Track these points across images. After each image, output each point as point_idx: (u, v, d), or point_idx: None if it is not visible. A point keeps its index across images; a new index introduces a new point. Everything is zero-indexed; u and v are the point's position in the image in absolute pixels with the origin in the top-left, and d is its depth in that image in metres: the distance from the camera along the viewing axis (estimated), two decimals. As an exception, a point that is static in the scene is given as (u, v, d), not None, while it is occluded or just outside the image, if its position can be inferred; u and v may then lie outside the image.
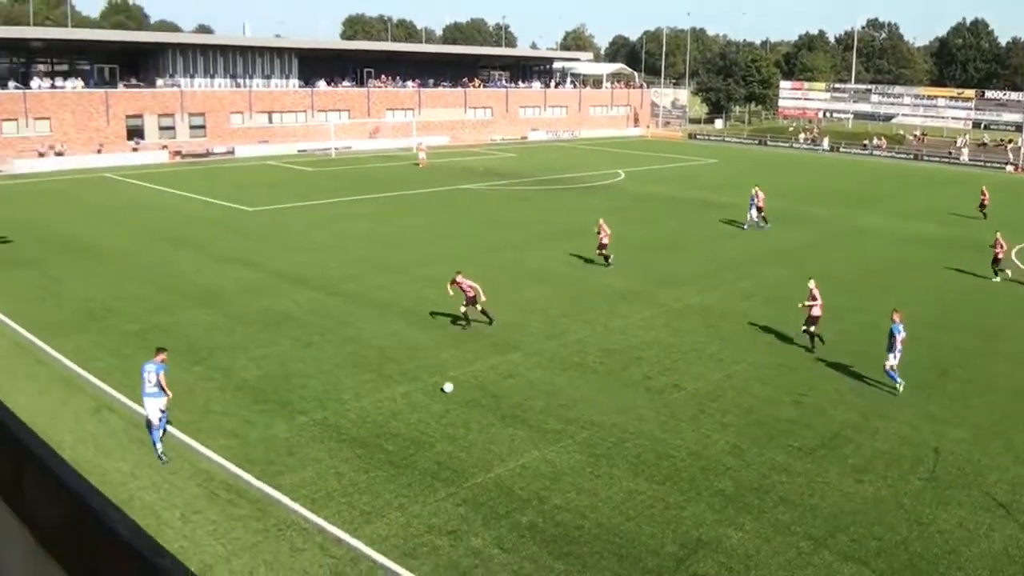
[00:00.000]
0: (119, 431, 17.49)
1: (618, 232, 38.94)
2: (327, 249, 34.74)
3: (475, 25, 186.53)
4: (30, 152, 61.92)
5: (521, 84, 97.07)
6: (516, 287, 29.11)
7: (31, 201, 46.65)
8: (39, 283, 29.03)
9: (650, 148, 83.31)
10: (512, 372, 21.06)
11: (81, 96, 65.40)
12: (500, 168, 64.17)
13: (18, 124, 62.31)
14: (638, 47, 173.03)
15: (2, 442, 1.79)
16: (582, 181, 56.88)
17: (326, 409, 18.64)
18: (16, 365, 21.13)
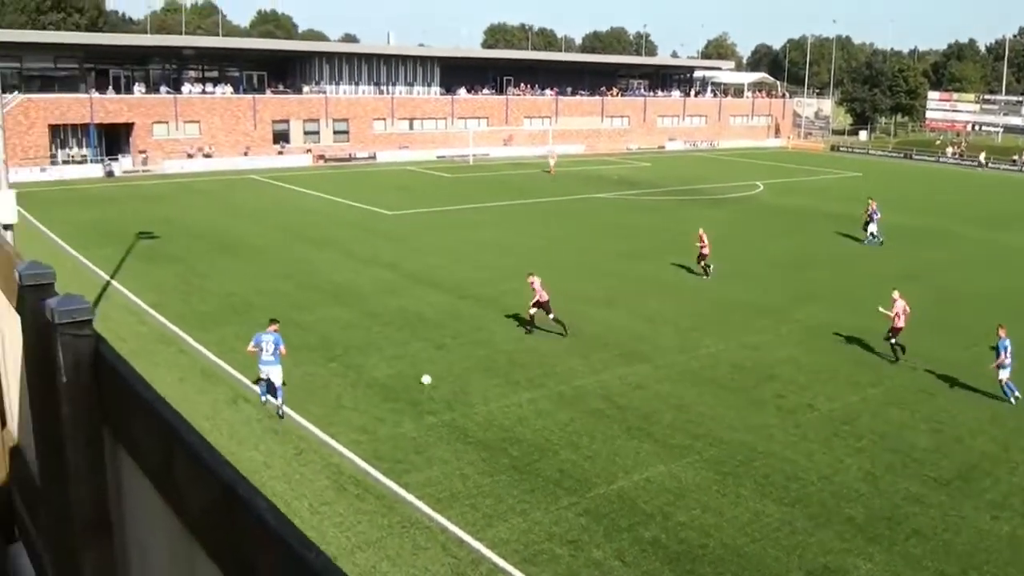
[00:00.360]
0: (254, 420, 18.15)
1: (754, 246, 38.12)
2: (461, 253, 35.23)
3: (615, 34, 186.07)
4: (179, 154, 65.11)
5: (660, 93, 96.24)
6: (646, 298, 28.83)
7: (179, 200, 49.02)
8: (184, 277, 30.45)
9: (791, 160, 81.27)
10: (640, 383, 20.85)
11: (230, 101, 68.37)
12: (634, 178, 63.77)
13: (169, 127, 65.62)
14: (781, 56, 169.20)
15: (153, 427, 1.86)
16: (718, 192, 55.92)
17: (454, 411, 18.87)
18: (159, 354, 22.19)
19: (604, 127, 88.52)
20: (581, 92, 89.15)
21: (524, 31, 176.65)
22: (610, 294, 29.14)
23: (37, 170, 57.86)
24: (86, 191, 52.87)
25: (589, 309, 27.18)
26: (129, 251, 34.12)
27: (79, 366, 2.54)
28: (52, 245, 35.60)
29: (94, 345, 2.54)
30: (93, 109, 61.70)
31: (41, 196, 48.74)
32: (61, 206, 46.31)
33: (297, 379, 20.41)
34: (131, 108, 63.66)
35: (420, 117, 77.60)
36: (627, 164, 74.81)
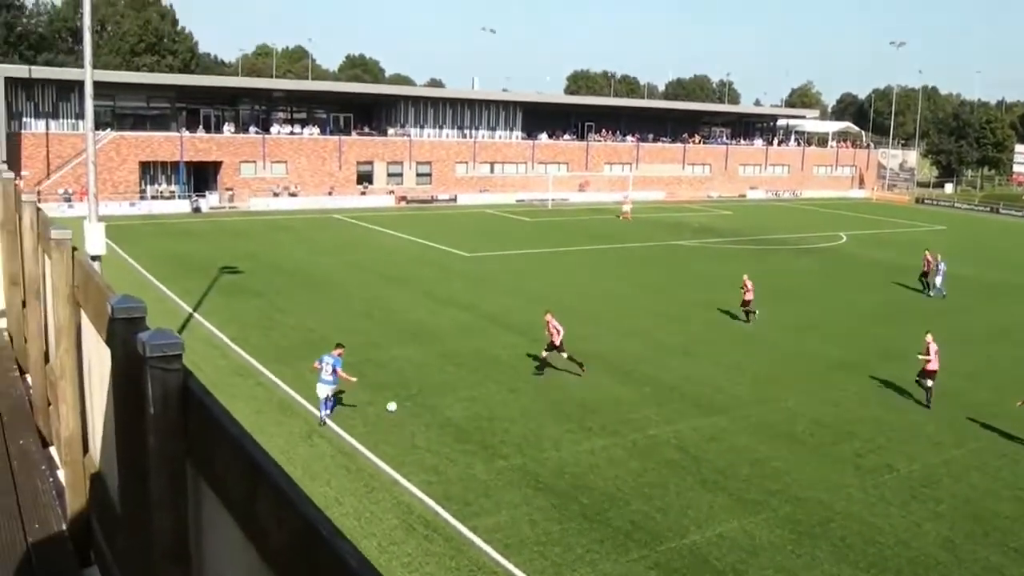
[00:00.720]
0: (327, 456, 18.34)
1: (837, 298, 37.43)
2: (536, 297, 35.29)
3: (698, 81, 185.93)
4: (265, 192, 66.82)
5: (742, 141, 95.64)
6: (724, 347, 28.47)
7: (264, 237, 50.21)
8: (265, 312, 31.08)
9: (874, 211, 79.79)
10: (716, 435, 20.53)
11: (316, 142, 70.06)
12: (715, 226, 63.31)
13: (256, 166, 67.49)
14: (866, 105, 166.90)
15: (239, 462, 1.91)
16: (800, 242, 55.14)
17: (525, 455, 18.80)
18: (237, 386, 22.62)
19: (685, 174, 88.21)
20: (663, 139, 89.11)
21: (607, 78, 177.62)
22: (688, 342, 28.86)
23: (126, 204, 59.98)
24: (173, 225, 54.53)
25: (666, 357, 26.94)
26: (212, 285, 35.00)
27: (168, 399, 2.62)
28: (138, 276, 36.73)
29: (183, 379, 2.62)
30: (183, 147, 63.81)
31: (129, 229, 50.42)
32: (148, 239, 47.82)
33: (371, 417, 20.61)
34: (220, 147, 65.66)
35: (501, 161, 78.37)
36: (708, 212, 74.32)
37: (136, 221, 55.44)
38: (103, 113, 61.31)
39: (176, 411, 2.64)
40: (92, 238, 22.44)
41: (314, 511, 1.60)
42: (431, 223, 59.04)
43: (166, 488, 2.80)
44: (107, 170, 59.23)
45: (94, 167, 23.05)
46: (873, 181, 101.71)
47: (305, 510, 1.62)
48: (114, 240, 41.69)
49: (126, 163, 61.85)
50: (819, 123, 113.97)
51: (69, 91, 61.60)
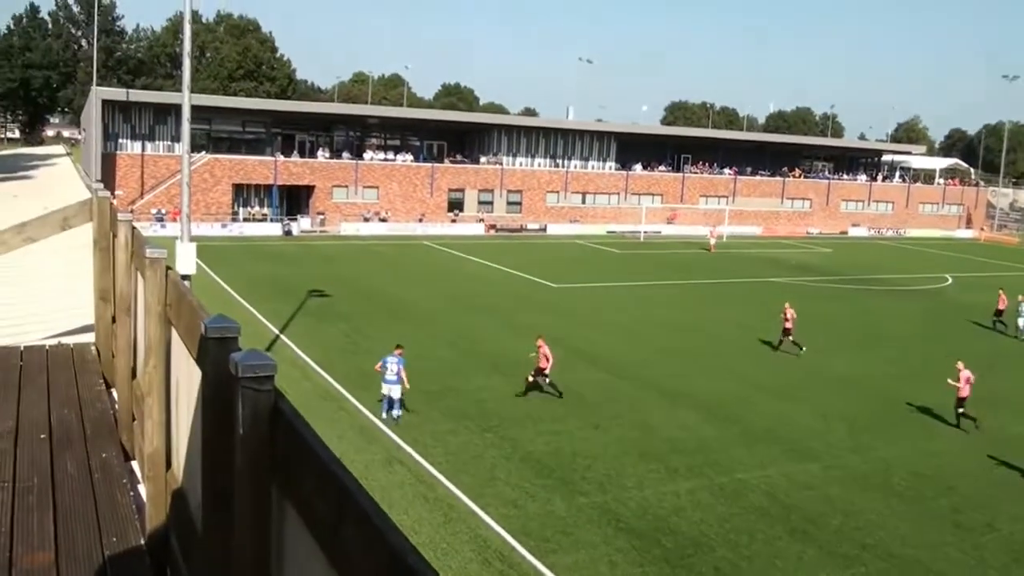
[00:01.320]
0: (406, 484, 18.49)
1: (941, 342, 36.32)
2: (624, 331, 35.12)
3: (800, 114, 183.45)
4: (356, 217, 68.13)
5: (845, 176, 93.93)
6: (818, 392, 27.86)
7: (353, 261, 51.13)
8: (351, 337, 31.58)
9: (982, 252, 77.32)
10: (808, 483, 20.06)
11: (409, 169, 71.24)
12: (813, 263, 62.18)
13: (348, 191, 68.91)
14: (976, 141, 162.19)
15: (326, 486, 1.95)
16: (904, 283, 53.74)
17: (607, 493, 18.66)
18: (320, 411, 22.99)
19: (784, 209, 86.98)
20: (761, 172, 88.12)
21: (705, 109, 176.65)
22: (782, 384, 28.34)
23: (218, 226, 61.86)
24: (263, 248, 55.95)
25: (760, 398, 26.50)
26: (300, 308, 35.76)
27: (257, 420, 2.70)
28: (226, 297, 37.74)
29: (273, 400, 2.70)
30: (277, 171, 65.58)
31: (220, 250, 51.91)
32: (238, 261, 49.16)
33: (453, 447, 20.73)
34: (313, 171, 67.28)
35: (593, 191, 78.47)
36: (806, 248, 73.07)
37: (227, 243, 57.07)
38: (199, 136, 63.47)
39: (265, 431, 2.72)
40: (183, 258, 23.15)
41: (402, 540, 1.63)
42: (519, 252, 59.33)
43: (250, 508, 2.87)
44: (201, 191, 61.22)
45: (188, 188, 23.83)
46: (981, 220, 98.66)
47: (393, 539, 1.65)
48: (205, 261, 42.96)
49: (220, 185, 63.82)
50: (926, 159, 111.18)
51: (166, 114, 64.00)
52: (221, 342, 3.29)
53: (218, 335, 3.31)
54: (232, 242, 57.69)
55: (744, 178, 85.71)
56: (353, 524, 1.81)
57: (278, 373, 2.82)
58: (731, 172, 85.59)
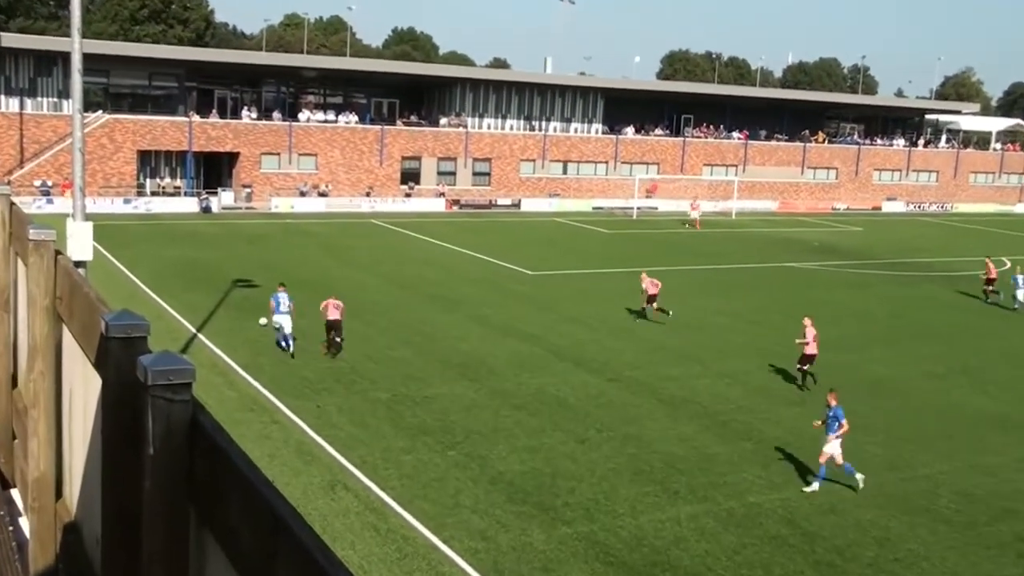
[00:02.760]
0: (352, 513, 18.47)
1: (997, 340, 36.71)
2: (614, 326, 35.22)
3: (824, 66, 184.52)
4: (290, 191, 67.90)
5: (878, 141, 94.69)
6: (847, 397, 27.95)
7: (286, 243, 50.94)
8: (288, 335, 31.47)
9: (1046, 234, 78.22)
10: (835, 507, 20.23)
11: (354, 132, 71.03)
12: (840, 244, 62.60)
13: (280, 159, 68.58)
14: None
15: (256, 514, 1.92)
16: (950, 268, 54.26)
17: (594, 522, 18.73)
18: (248, 424, 22.91)
19: (804, 180, 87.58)
20: (778, 136, 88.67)
21: (710, 60, 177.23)
22: (802, 390, 28.53)
23: (120, 201, 61.48)
24: (177, 227, 55.61)
25: (773, 407, 26.68)
26: (222, 301, 35.58)
27: (171, 435, 2.69)
28: (130, 287, 37.51)
29: (191, 412, 2.69)
30: (192, 134, 65.17)
31: (123, 231, 51.55)
32: (145, 243, 48.81)
33: (409, 468, 20.74)
34: (237, 136, 66.92)
35: (576, 160, 78.64)
36: (832, 227, 73.53)
37: (131, 221, 56.69)
38: (94, 91, 62.81)
39: (181, 449, 2.70)
40: (77, 240, 22.89)
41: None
42: (488, 233, 59.30)
43: (162, 542, 2.86)
44: (97, 159, 60.74)
45: (82, 155, 23.54)
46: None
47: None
48: (103, 244, 42.58)
49: (121, 152, 63.32)
50: (979, 120, 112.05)
51: (51, 64, 63.20)
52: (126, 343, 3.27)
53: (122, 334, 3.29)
54: (138, 221, 57.28)
55: (757, 143, 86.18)
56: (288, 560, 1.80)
57: (197, 380, 2.80)
58: (741, 136, 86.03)
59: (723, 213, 78.14)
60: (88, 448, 4.43)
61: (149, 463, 2.76)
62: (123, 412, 3.25)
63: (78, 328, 4.53)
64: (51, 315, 5.33)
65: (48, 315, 5.35)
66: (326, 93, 76.33)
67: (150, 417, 2.70)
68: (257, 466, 2.20)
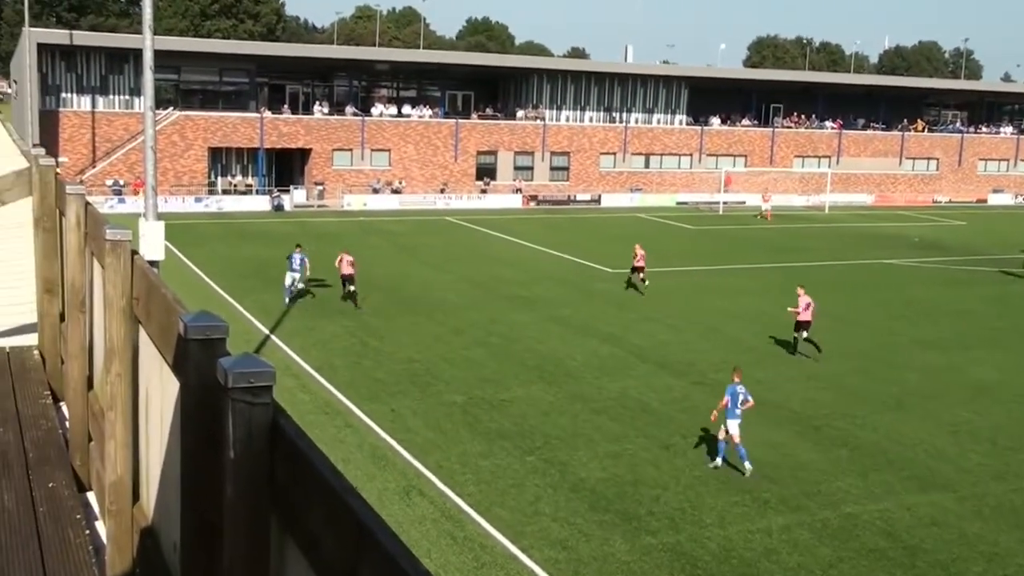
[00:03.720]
0: (428, 519, 18.59)
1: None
2: (700, 327, 35.00)
3: (924, 50, 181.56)
4: (362, 187, 68.51)
5: (983, 129, 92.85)
6: (951, 402, 27.61)
7: (359, 242, 51.29)
8: (358, 336, 31.78)
9: None
10: (938, 519, 19.90)
11: (427, 127, 71.43)
12: (942, 240, 61.53)
13: (352, 155, 69.20)
14: None
15: (340, 521, 1.95)
16: (1058, 267, 53.07)
17: (680, 532, 18.64)
18: (321, 428, 23.15)
19: (903, 172, 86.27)
20: (874, 125, 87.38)
21: (801, 46, 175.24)
22: (901, 394, 28.11)
23: (191, 200, 62.53)
24: (248, 226, 56.40)
25: (871, 412, 26.31)
26: (294, 301, 36.01)
27: (252, 440, 2.74)
28: (202, 288, 38.13)
29: (272, 416, 2.74)
30: (263, 131, 66.05)
31: (194, 230, 52.41)
32: (217, 242, 49.59)
33: (486, 474, 20.81)
34: (309, 131, 67.68)
35: (659, 152, 78.29)
36: (932, 222, 72.31)
37: (203, 220, 57.64)
38: (165, 88, 63.90)
39: (262, 454, 2.75)
40: (150, 240, 23.28)
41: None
42: (567, 230, 59.27)
43: (243, 548, 2.91)
44: (169, 157, 61.81)
45: (153, 153, 23.99)
46: None
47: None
48: (175, 243, 43.40)
49: (192, 149, 64.42)
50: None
51: (122, 62, 64.39)
52: (205, 344, 3.33)
53: (201, 336, 3.35)
54: (209, 220, 58.21)
55: (851, 133, 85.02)
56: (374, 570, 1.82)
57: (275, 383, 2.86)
58: (834, 126, 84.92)
59: (815, 207, 77.22)
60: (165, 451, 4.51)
61: (230, 467, 2.81)
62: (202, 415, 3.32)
63: (155, 329, 4.62)
64: (128, 316, 5.42)
65: (125, 316, 5.44)
66: (399, 87, 76.87)
67: (231, 421, 2.75)
68: (340, 472, 2.23)
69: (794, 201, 78.90)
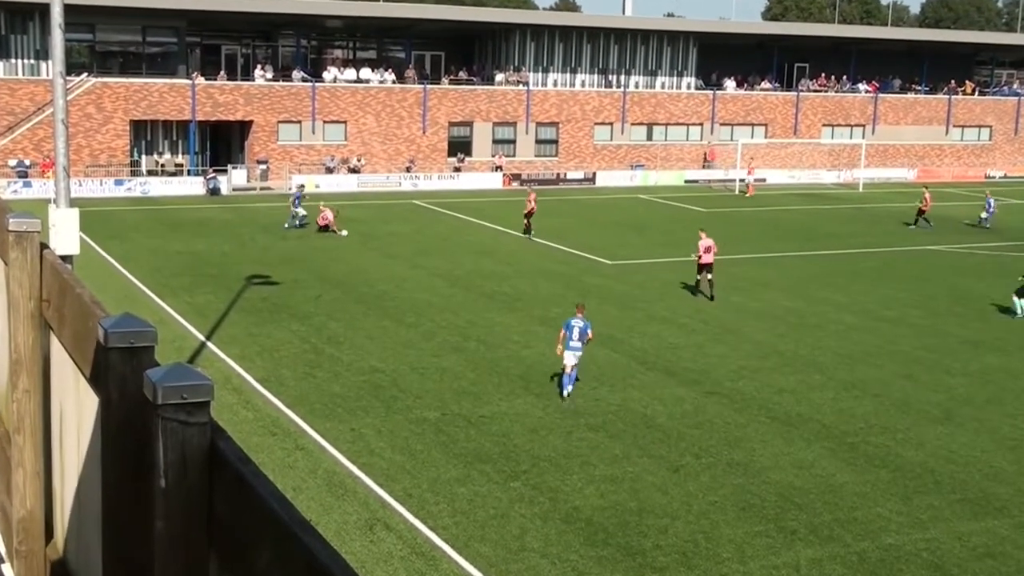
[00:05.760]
0: (396, 558, 18.56)
1: None
2: (714, 327, 35.05)
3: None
4: (314, 166, 68.29)
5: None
6: (1007, 411, 27.72)
7: (311, 232, 51.20)
8: (311, 342, 31.69)
9: None
10: (993, 549, 19.99)
11: (390, 94, 71.26)
12: (997, 222, 61.74)
13: (301, 128, 68.97)
14: None
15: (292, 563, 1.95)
16: None
17: (692, 568, 18.67)
18: (268, 451, 23.09)
19: (950, 142, 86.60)
20: (916, 88, 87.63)
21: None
22: (951, 402, 28.20)
23: (111, 183, 62.21)
24: (179, 213, 56.21)
25: (915, 425, 26.39)
26: (234, 301, 35.90)
27: (187, 466, 2.74)
28: (124, 287, 38.00)
29: (210, 438, 2.73)
30: (195, 100, 65.80)
31: (115, 218, 52.25)
32: (142, 233, 49.42)
33: (464, 503, 20.80)
34: (249, 101, 67.46)
35: (664, 122, 78.36)
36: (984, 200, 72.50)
37: (125, 207, 57.43)
38: (78, 51, 63.52)
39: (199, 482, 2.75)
40: (61, 230, 23.10)
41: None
42: (556, 214, 59.22)
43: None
44: (83, 133, 61.59)
45: (65, 128, 23.84)
46: None
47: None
48: (92, 234, 43.22)
49: (111, 123, 64.09)
50: None
51: (26, 19, 63.93)
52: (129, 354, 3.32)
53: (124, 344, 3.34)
54: (133, 206, 57.99)
55: (890, 97, 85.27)
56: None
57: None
58: (869, 89, 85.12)
59: (848, 185, 77.45)
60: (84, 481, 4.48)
61: (161, 499, 2.81)
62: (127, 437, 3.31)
63: (70, 337, 4.59)
64: (37, 321, 5.39)
65: (33, 322, 5.41)
66: (356, 46, 76.67)
67: (161, 443, 2.74)
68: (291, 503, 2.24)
69: (823, 177, 79.14)
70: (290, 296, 37.15)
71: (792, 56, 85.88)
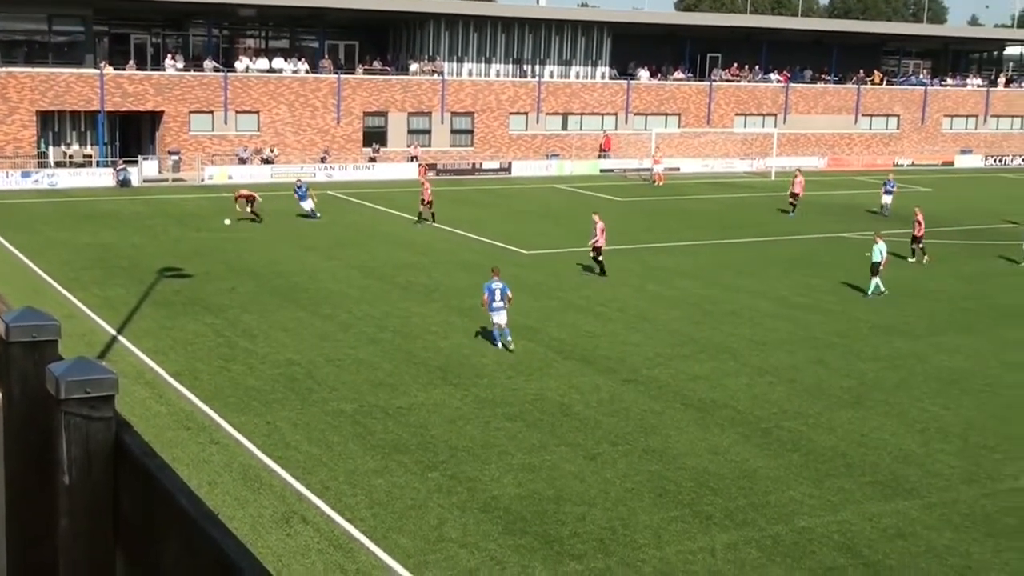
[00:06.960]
0: (313, 550, 18.46)
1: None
2: (629, 315, 35.23)
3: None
4: (227, 157, 67.67)
5: (949, 81, 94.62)
6: (916, 394, 28.13)
7: (224, 223, 50.76)
8: (225, 335, 31.43)
9: None
10: (903, 530, 20.27)
11: (304, 84, 70.83)
12: (905, 209, 62.55)
13: (213, 119, 68.32)
14: None
15: (202, 559, 1.92)
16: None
17: (610, 555, 18.75)
18: (183, 445, 22.87)
19: (859, 131, 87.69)
20: (825, 78, 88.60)
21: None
22: (861, 387, 28.56)
23: (17, 175, 61.19)
24: (89, 206, 55.47)
25: (826, 410, 26.69)
26: (147, 295, 35.52)
27: (91, 461, 2.68)
28: (30, 280, 37.47)
29: (115, 433, 2.68)
30: (104, 91, 64.94)
31: (21, 210, 51.54)
32: (50, 226, 48.70)
33: (381, 494, 20.73)
34: (160, 91, 66.69)
35: (578, 112, 78.62)
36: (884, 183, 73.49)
37: (32, 199, 56.61)
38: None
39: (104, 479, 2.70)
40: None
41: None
42: (471, 204, 59.27)
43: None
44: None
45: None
46: None
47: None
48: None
49: (16, 114, 63.13)
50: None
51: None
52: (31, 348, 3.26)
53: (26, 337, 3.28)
54: (40, 198, 57.14)
55: (800, 87, 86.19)
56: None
57: (119, 392, 2.80)
58: (780, 79, 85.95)
59: (760, 173, 78.16)
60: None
61: (65, 496, 2.76)
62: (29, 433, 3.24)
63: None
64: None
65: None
66: (268, 36, 76.17)
67: (64, 439, 2.69)
68: (200, 498, 2.20)
69: (736, 166, 79.83)
70: (203, 288, 36.81)
71: (704, 46, 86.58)
